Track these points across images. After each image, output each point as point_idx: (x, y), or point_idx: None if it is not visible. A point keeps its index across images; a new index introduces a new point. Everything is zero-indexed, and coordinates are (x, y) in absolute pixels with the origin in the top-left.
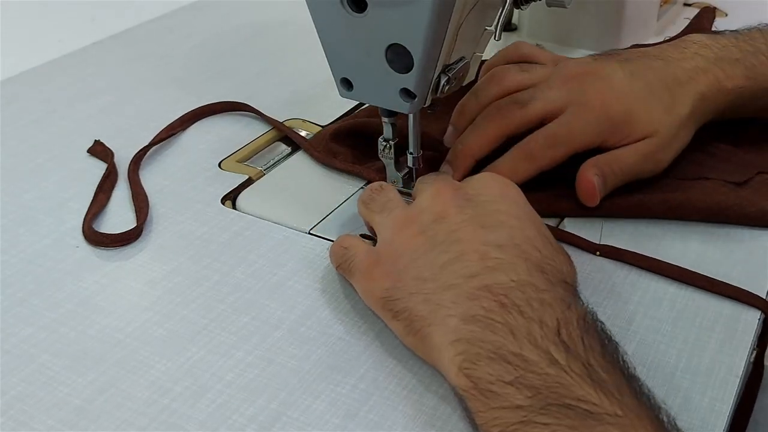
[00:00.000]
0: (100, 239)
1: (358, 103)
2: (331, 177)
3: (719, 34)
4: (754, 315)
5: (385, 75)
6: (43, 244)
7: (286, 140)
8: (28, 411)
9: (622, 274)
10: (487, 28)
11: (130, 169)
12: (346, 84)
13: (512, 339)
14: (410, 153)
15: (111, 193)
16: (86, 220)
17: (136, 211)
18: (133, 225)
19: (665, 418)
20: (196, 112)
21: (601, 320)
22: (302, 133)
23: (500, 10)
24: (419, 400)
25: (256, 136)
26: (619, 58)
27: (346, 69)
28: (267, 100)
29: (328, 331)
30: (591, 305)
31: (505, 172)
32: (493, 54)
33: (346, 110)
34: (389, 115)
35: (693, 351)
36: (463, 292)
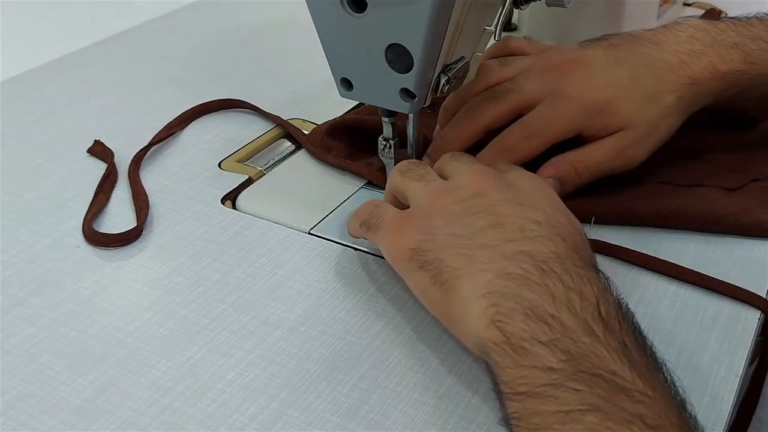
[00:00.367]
0: (101, 239)
1: (358, 102)
2: (331, 177)
3: (718, 20)
4: (754, 314)
5: (385, 75)
6: (43, 244)
7: (287, 140)
8: (28, 411)
9: (622, 273)
10: (487, 28)
11: (130, 169)
12: (346, 84)
13: (551, 301)
14: (410, 153)
15: (111, 194)
16: (86, 220)
17: (137, 211)
18: (133, 225)
19: (691, 412)
20: (194, 111)
21: (633, 312)
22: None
23: (500, 10)
24: (419, 399)
25: (256, 136)
26: (605, 44)
27: (346, 69)
28: (267, 101)
29: (329, 331)
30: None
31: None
32: None
33: (346, 110)
34: (389, 114)
35: (693, 350)
36: (500, 252)
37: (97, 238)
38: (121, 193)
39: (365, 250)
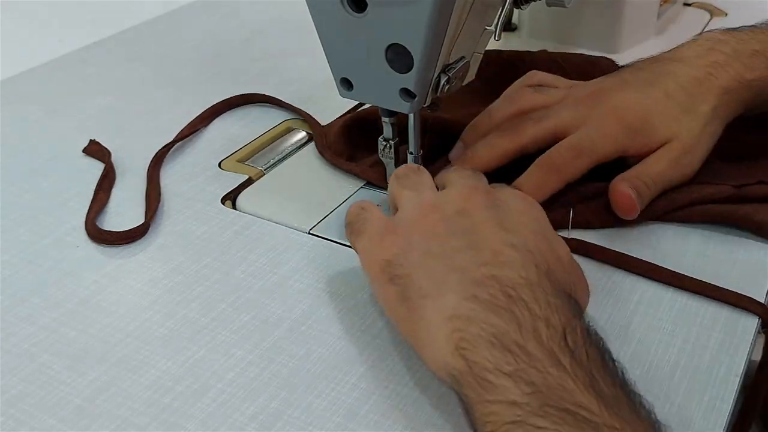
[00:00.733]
0: (105, 237)
1: (358, 103)
2: (331, 177)
3: (735, 29)
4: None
5: (385, 75)
6: (43, 244)
7: (286, 140)
8: (28, 410)
9: (622, 273)
10: (487, 28)
11: (150, 166)
12: (346, 84)
13: (516, 328)
14: (410, 153)
15: (110, 192)
16: (89, 218)
17: (147, 207)
18: (135, 224)
19: None
20: (216, 108)
21: (602, 337)
22: (302, 134)
23: (500, 10)
24: (420, 398)
25: (256, 136)
26: (630, 70)
27: (346, 69)
28: None
29: (329, 331)
30: (591, 313)
31: (532, 186)
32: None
33: (347, 110)
34: (389, 114)
35: (693, 351)
36: (470, 276)
37: (101, 236)
38: (121, 192)
39: None
